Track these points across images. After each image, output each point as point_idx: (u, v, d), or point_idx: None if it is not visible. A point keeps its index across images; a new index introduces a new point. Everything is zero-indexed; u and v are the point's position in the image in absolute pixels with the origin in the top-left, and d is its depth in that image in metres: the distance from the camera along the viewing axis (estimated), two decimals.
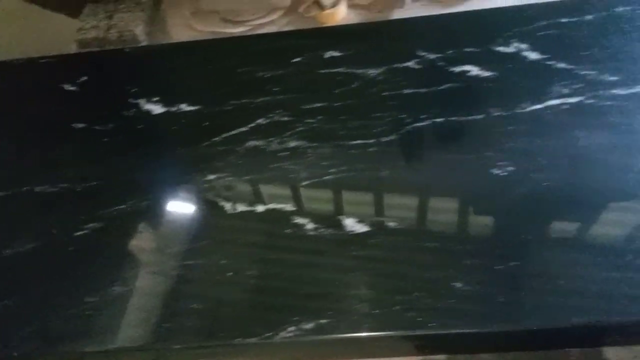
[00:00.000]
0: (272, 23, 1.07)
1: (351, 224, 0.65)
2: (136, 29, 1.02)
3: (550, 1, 0.87)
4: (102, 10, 1.07)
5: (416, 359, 0.68)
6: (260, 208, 0.68)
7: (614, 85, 0.74)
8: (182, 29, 1.10)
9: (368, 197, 0.69)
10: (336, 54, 0.85)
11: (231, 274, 0.63)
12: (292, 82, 0.83)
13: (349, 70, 0.82)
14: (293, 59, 0.86)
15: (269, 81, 0.83)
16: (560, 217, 0.64)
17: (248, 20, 1.06)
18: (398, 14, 1.02)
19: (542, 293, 0.56)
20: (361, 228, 0.65)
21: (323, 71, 0.83)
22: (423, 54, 0.83)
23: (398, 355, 0.63)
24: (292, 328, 0.57)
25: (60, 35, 1.06)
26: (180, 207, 0.71)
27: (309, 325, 0.57)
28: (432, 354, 0.68)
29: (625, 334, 0.59)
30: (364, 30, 0.90)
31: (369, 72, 0.82)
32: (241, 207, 0.69)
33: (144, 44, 1.03)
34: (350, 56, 0.85)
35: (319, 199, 0.69)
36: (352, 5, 1.07)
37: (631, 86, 0.74)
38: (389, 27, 0.91)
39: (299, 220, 0.66)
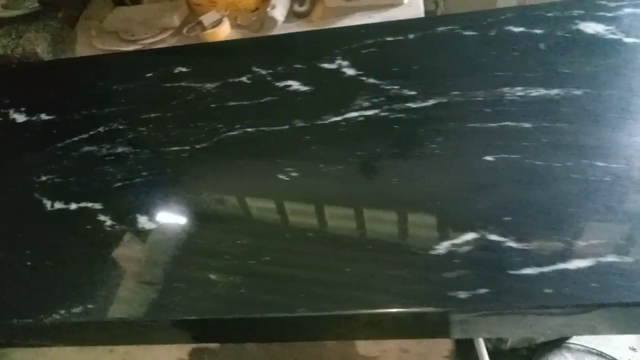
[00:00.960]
0: (162, 41, 1.17)
1: (143, 221, 0.73)
2: (38, 48, 1.13)
3: (382, 22, 0.93)
4: (14, 30, 1.20)
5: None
6: (73, 206, 0.77)
7: (408, 99, 0.80)
8: (86, 48, 1.21)
9: (165, 198, 0.76)
10: (184, 69, 0.94)
11: (29, 263, 0.71)
12: (139, 94, 0.92)
13: (189, 84, 0.91)
14: (146, 74, 0.95)
15: (120, 93, 0.93)
16: (328, 215, 0.70)
17: (141, 40, 1.16)
18: (276, 32, 1.11)
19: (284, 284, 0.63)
20: (150, 225, 0.73)
21: (168, 85, 0.92)
22: (257, 70, 0.90)
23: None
24: (62, 311, 0.65)
25: None
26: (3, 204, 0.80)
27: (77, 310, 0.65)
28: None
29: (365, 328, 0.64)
30: (214, 49, 0.99)
31: (205, 86, 0.90)
32: (58, 205, 0.78)
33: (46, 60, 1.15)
34: (194, 72, 0.93)
35: (124, 200, 0.77)
36: (235, 26, 1.16)
37: (424, 100, 0.79)
38: (235, 45, 0.99)
39: (101, 217, 0.75)
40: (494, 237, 0.63)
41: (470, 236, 0.64)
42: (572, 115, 0.73)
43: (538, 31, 0.85)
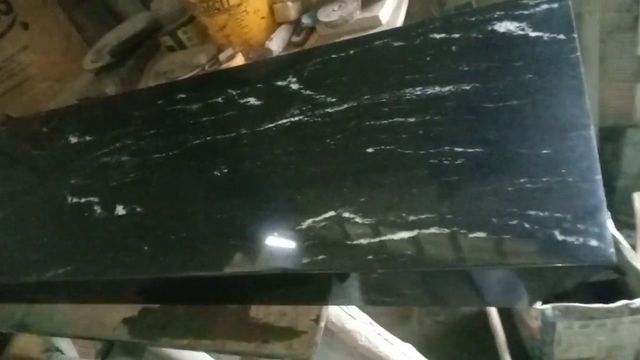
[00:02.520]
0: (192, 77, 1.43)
1: (119, 209, 0.96)
2: (107, 89, 1.48)
3: (331, 42, 1.07)
4: (97, 78, 1.57)
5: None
6: (83, 200, 1.04)
7: (328, 105, 0.92)
8: (144, 86, 1.53)
9: (137, 192, 0.99)
10: (183, 95, 1.17)
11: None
12: (148, 117, 1.17)
13: (182, 107, 1.14)
14: (158, 101, 1.20)
15: (136, 117, 1.19)
16: (239, 203, 0.85)
17: (177, 77, 1.44)
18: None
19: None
20: (122, 212, 0.95)
21: (169, 108, 1.16)
22: (230, 91, 1.10)
23: None
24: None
25: None
26: None
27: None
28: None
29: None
30: (206, 78, 1.21)
31: (192, 107, 1.12)
32: (75, 199, 1.05)
33: None
34: (188, 97, 1.16)
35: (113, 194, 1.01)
36: (247, 59, 1.38)
37: (340, 105, 0.91)
38: (221, 74, 1.20)
39: (96, 207, 1.00)
40: (346, 215, 0.73)
41: (329, 214, 0.74)
42: (453, 109, 0.79)
43: (456, 35, 0.91)
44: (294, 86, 1.02)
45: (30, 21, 2.03)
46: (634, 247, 1.67)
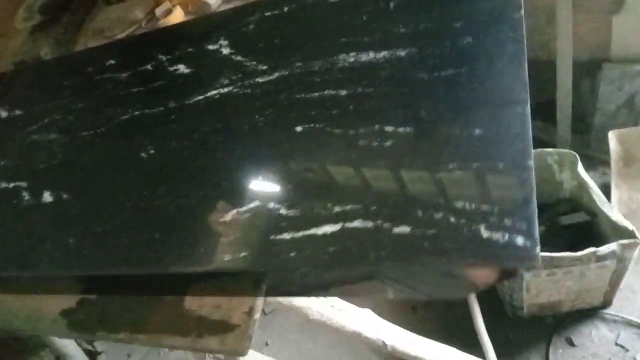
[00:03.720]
0: (129, 35, 1.32)
1: (46, 196, 0.90)
2: (41, 52, 1.37)
3: None
4: (32, 39, 1.45)
5: None
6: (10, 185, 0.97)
7: (259, 74, 0.84)
8: (81, 48, 1.42)
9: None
10: (112, 62, 1.08)
11: None
12: (78, 88, 1.08)
13: (111, 75, 1.05)
14: (88, 68, 1.11)
15: (65, 88, 1.10)
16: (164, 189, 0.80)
17: (114, 35, 1.33)
18: None
19: None
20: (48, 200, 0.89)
21: (98, 77, 1.06)
22: (160, 57, 1.01)
23: None
24: None
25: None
26: None
27: None
28: None
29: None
30: (137, 41, 1.11)
31: (121, 76, 1.03)
32: None
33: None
34: (117, 64, 1.06)
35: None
36: (187, 13, 1.27)
37: (270, 74, 0.83)
38: (152, 36, 1.10)
39: (23, 193, 0.94)
40: (271, 205, 0.67)
41: (254, 204, 0.69)
42: (386, 79, 0.72)
43: None
44: (225, 51, 0.93)
45: None
46: (608, 185, 1.64)
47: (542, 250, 1.44)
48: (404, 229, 0.57)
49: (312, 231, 0.62)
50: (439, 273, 0.59)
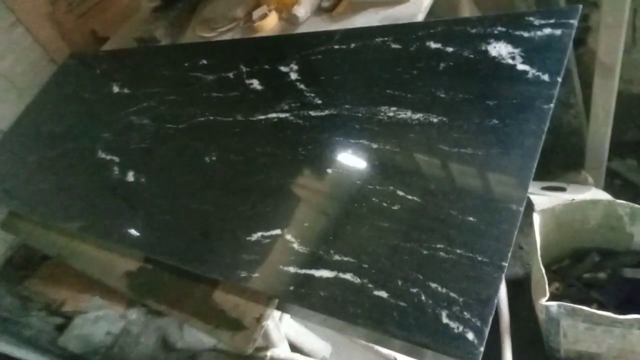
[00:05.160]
0: (230, 30, 1.45)
1: (130, 175, 1.08)
2: (156, 32, 1.55)
3: (338, 29, 1.03)
4: (152, 17, 1.64)
5: None
6: (108, 157, 1.17)
7: (314, 107, 0.93)
8: (191, 33, 1.58)
9: (148, 161, 1.09)
10: (205, 62, 1.22)
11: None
12: (172, 80, 1.25)
13: (201, 75, 1.19)
14: (185, 63, 1.26)
15: (163, 77, 1.27)
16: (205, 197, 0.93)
17: (218, 29, 1.47)
18: (304, 26, 1.29)
19: None
20: (132, 179, 1.07)
21: (191, 74, 1.22)
22: (242, 67, 1.13)
23: None
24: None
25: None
26: None
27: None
28: None
29: None
30: (230, 46, 1.24)
31: (208, 78, 1.17)
32: (101, 155, 1.19)
33: (162, 43, 1.56)
34: (209, 65, 1.20)
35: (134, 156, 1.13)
36: (281, 19, 1.37)
37: (322, 110, 0.92)
38: (238, 44, 1.22)
39: (115, 168, 1.13)
40: (288, 237, 0.78)
41: (275, 232, 0.80)
42: (413, 143, 0.78)
43: (449, 49, 0.85)
44: (293, 76, 1.02)
45: None
46: None
47: (597, 297, 1.41)
48: (382, 293, 0.65)
49: (312, 272, 0.72)
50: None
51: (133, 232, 0.97)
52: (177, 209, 0.95)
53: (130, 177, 1.08)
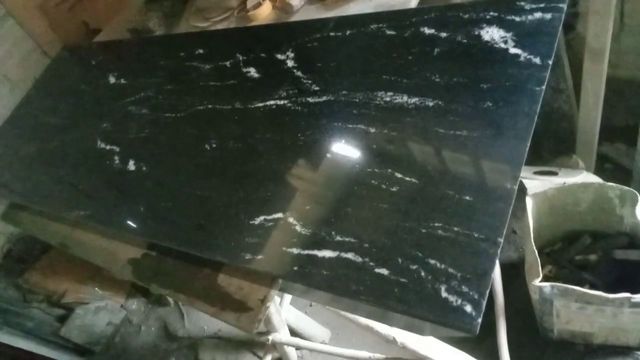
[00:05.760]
0: (225, 20, 1.46)
1: (131, 164, 1.10)
2: (150, 23, 1.56)
3: (334, 17, 1.05)
4: (144, 8, 1.64)
5: None
6: (108, 147, 1.18)
7: (311, 94, 0.95)
8: (184, 23, 1.59)
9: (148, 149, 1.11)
10: (201, 51, 1.23)
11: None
12: (169, 69, 1.26)
13: (198, 64, 1.20)
14: (180, 53, 1.27)
15: (160, 67, 1.28)
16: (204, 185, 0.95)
17: (212, 18, 1.48)
18: (298, 14, 1.30)
19: None
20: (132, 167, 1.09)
21: (187, 63, 1.23)
22: (238, 55, 1.14)
23: None
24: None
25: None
26: None
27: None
28: None
29: None
30: (223, 35, 1.25)
31: (205, 67, 1.18)
32: (103, 145, 1.20)
33: (156, 33, 1.57)
34: (205, 54, 1.22)
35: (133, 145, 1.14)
36: (275, 7, 1.38)
37: (320, 96, 0.94)
38: (234, 33, 1.23)
39: (115, 157, 1.14)
40: (290, 220, 0.80)
41: (277, 215, 0.82)
42: (409, 126, 0.80)
43: (443, 34, 0.87)
44: (290, 63, 1.04)
45: None
46: None
47: (588, 278, 1.45)
48: (383, 271, 0.67)
49: (315, 252, 0.74)
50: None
51: (137, 219, 0.99)
52: (179, 196, 0.96)
53: (132, 165, 1.09)
